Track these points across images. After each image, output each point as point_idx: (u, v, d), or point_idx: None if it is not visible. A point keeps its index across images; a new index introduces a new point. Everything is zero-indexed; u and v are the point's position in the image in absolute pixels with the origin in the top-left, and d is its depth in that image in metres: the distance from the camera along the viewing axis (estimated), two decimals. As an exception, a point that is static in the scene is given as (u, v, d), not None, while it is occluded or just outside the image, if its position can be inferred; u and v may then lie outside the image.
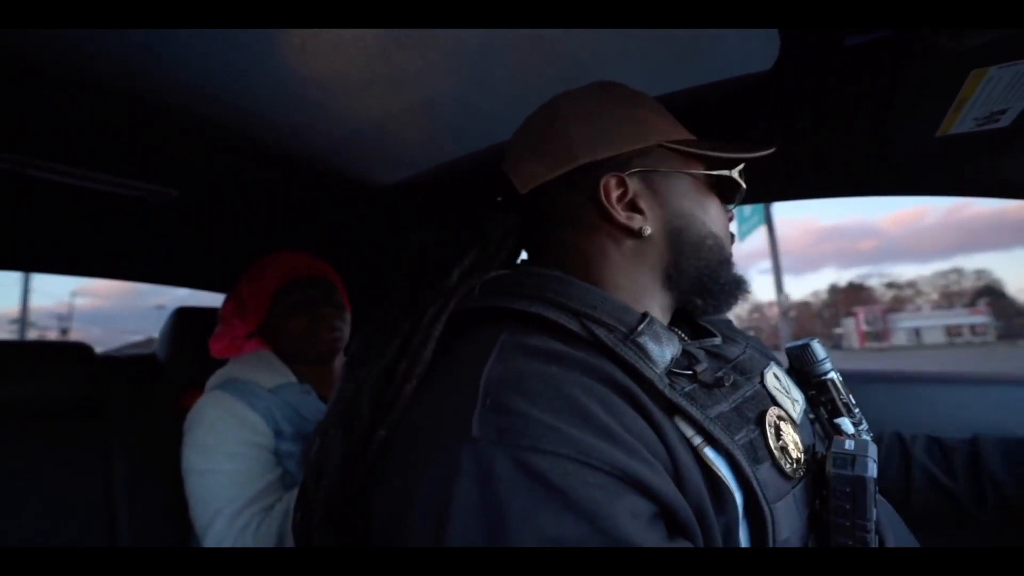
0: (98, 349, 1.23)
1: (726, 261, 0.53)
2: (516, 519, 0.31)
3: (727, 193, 0.56)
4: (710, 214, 0.53)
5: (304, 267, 1.06)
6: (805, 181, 0.89)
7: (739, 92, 0.71)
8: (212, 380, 0.98)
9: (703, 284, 0.52)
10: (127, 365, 1.29)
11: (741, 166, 0.54)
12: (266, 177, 1.03)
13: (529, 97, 0.58)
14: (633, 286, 0.50)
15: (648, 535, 0.33)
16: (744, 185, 0.54)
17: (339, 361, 1.10)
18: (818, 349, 0.56)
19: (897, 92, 0.62)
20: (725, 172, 0.53)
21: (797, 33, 0.59)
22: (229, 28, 0.60)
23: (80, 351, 1.22)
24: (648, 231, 0.50)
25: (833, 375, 0.55)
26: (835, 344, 44.28)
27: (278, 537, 0.81)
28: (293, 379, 0.99)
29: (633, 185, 0.50)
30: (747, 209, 11.30)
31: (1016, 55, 0.51)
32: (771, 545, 0.38)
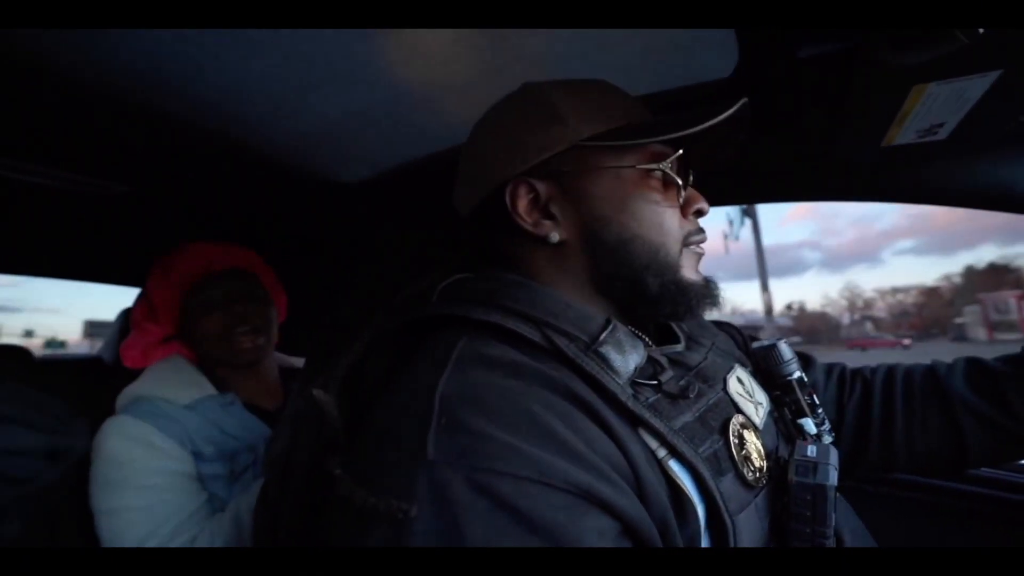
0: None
1: (659, 267, 0.47)
2: (476, 544, 0.30)
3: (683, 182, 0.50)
4: (637, 215, 0.47)
5: (219, 258, 0.94)
6: (758, 186, 0.92)
7: (701, 96, 0.73)
8: (119, 400, 0.85)
9: (633, 292, 0.48)
10: (69, 368, 1.21)
11: (671, 159, 0.48)
12: (224, 173, 0.97)
13: (494, 97, 0.57)
14: (564, 291, 0.48)
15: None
16: (676, 177, 0.49)
17: (269, 363, 0.99)
18: (784, 350, 0.57)
19: (845, 103, 0.64)
20: (651, 166, 0.47)
21: (754, 43, 0.60)
22: (194, 28, 0.56)
23: (17, 353, 1.13)
24: (556, 237, 0.48)
25: (798, 375, 0.56)
26: (958, 336, 35.71)
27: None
28: (211, 390, 0.87)
29: (545, 190, 0.49)
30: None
31: (953, 73, 0.53)
32: None
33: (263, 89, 0.74)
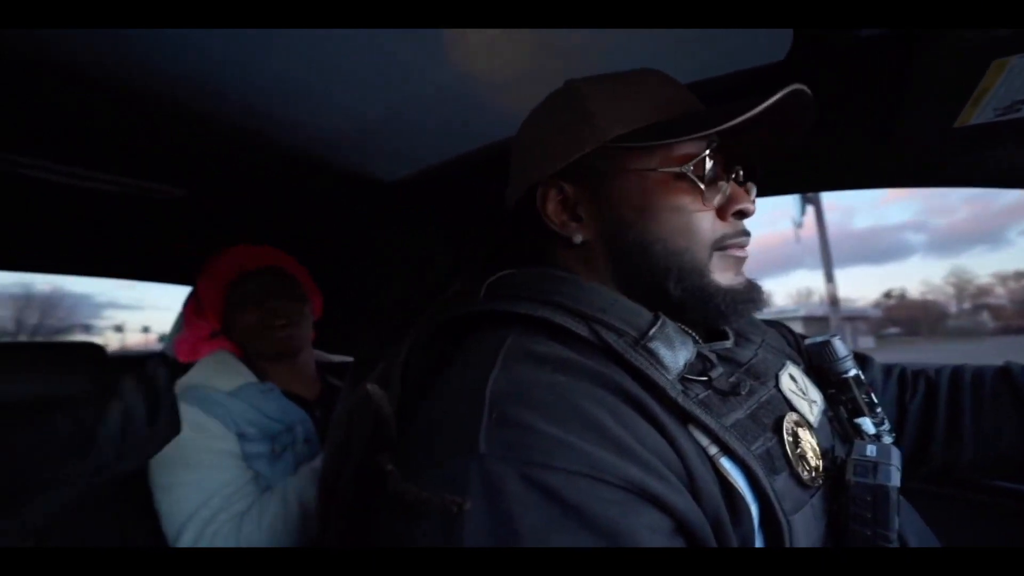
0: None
1: (681, 271, 0.45)
2: (529, 538, 0.30)
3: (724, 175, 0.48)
4: (659, 218, 0.45)
5: (255, 258, 1.02)
6: (816, 174, 0.87)
7: (750, 83, 0.70)
8: (174, 389, 0.95)
9: (654, 297, 0.46)
10: (137, 364, 1.30)
11: (695, 160, 0.45)
12: (270, 174, 1.02)
13: (534, 92, 0.57)
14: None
15: None
16: (698, 181, 0.45)
17: (306, 357, 1.07)
18: (839, 346, 0.54)
19: (912, 83, 0.60)
20: (674, 169, 0.45)
21: (810, 23, 0.57)
22: (232, 28, 0.59)
23: (91, 350, 1.23)
24: (579, 238, 0.48)
25: (854, 372, 0.53)
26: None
27: (253, 542, 0.79)
28: (253, 379, 0.96)
29: (573, 191, 0.49)
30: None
31: None
32: None
33: (305, 90, 0.77)
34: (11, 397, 1.09)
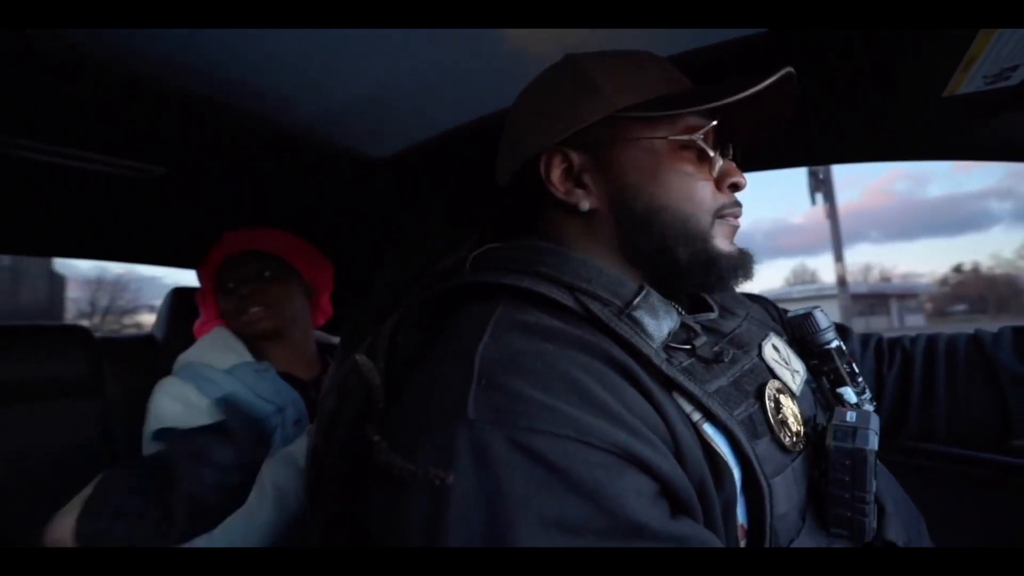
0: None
1: (688, 237, 0.47)
2: (516, 501, 0.31)
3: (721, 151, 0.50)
4: (667, 185, 0.47)
5: (239, 243, 1.03)
6: (806, 147, 0.87)
7: (735, 54, 0.69)
8: (174, 365, 0.96)
9: (662, 262, 0.48)
10: (125, 346, 1.29)
11: (704, 130, 0.47)
12: (254, 152, 1.00)
13: (524, 64, 0.56)
14: (596, 261, 0.48)
15: (653, 513, 0.33)
16: (708, 149, 0.47)
17: (301, 337, 1.07)
18: (821, 318, 0.55)
19: (900, 52, 0.59)
20: (683, 138, 0.47)
21: None
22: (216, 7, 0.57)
23: (78, 333, 1.22)
24: (586, 206, 0.48)
25: (836, 343, 0.54)
26: None
27: (224, 529, 0.78)
28: (248, 357, 0.97)
29: (578, 159, 0.49)
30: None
31: None
32: (769, 519, 0.38)
33: (291, 66, 0.75)
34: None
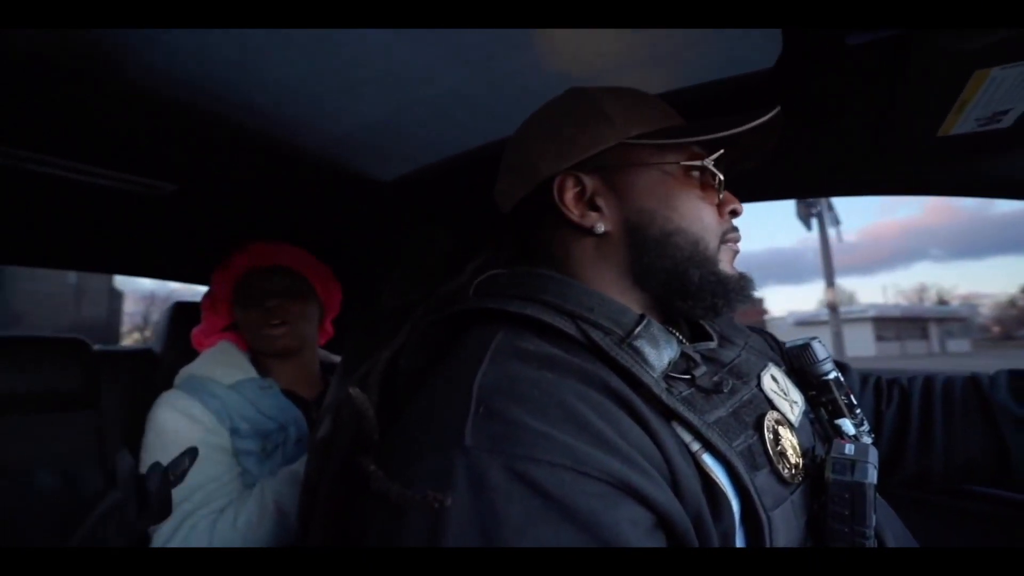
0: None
1: (699, 259, 0.48)
2: (512, 529, 0.31)
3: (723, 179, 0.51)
4: (679, 209, 0.49)
5: (264, 256, 1.02)
6: (805, 180, 0.89)
7: (740, 90, 0.71)
8: (176, 378, 0.96)
9: (674, 284, 0.49)
10: (123, 359, 1.29)
11: (716, 155, 0.50)
12: (266, 172, 1.02)
13: (530, 92, 0.58)
14: (602, 284, 0.50)
15: (648, 543, 0.33)
16: (719, 174, 0.50)
17: (309, 356, 1.07)
18: (819, 349, 0.56)
19: (898, 92, 0.61)
20: (696, 163, 0.49)
21: (800, 31, 0.58)
22: (230, 28, 0.59)
23: (76, 345, 1.22)
24: (601, 228, 0.49)
25: (834, 375, 0.55)
26: None
27: (223, 545, 0.78)
28: (253, 373, 0.96)
29: (591, 183, 0.50)
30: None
31: (1019, 56, 0.50)
32: None
33: (305, 91, 0.77)
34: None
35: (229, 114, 0.82)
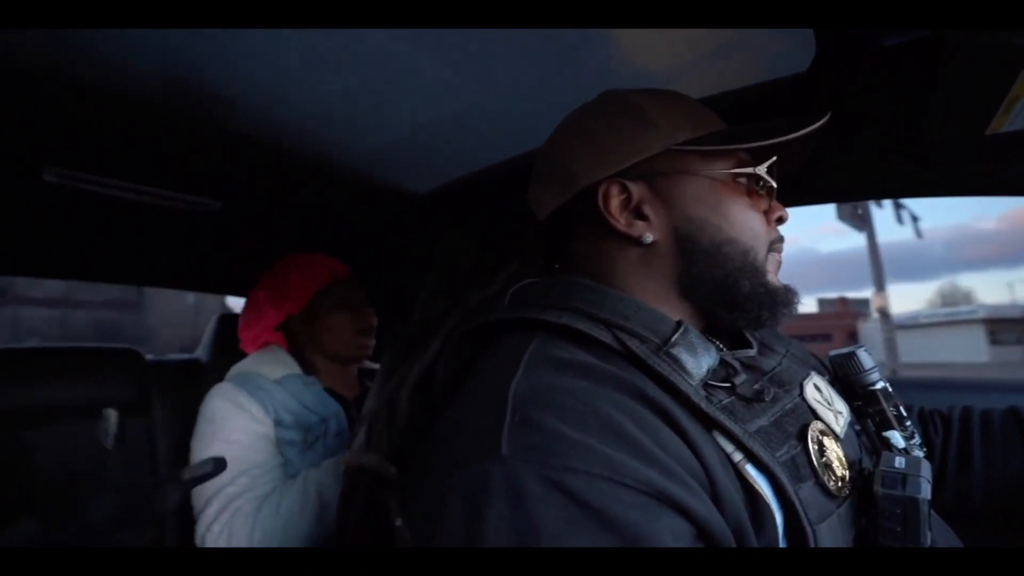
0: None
1: (749, 269, 0.47)
2: (549, 539, 0.31)
3: (769, 189, 0.51)
4: (730, 218, 0.48)
5: (342, 269, 1.11)
6: (844, 184, 0.86)
7: (774, 95, 0.70)
8: (228, 374, 1.03)
9: (722, 295, 0.48)
10: (173, 369, 1.35)
11: (768, 162, 0.49)
12: (303, 188, 1.06)
13: (558, 104, 0.58)
14: (644, 294, 0.48)
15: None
16: (772, 181, 0.49)
17: (354, 367, 1.14)
18: (865, 358, 0.54)
19: (938, 92, 0.59)
20: (748, 170, 0.48)
21: (833, 34, 0.57)
22: (267, 45, 0.62)
23: (129, 356, 1.28)
24: (650, 238, 0.48)
25: (882, 384, 0.52)
26: None
27: (265, 531, 0.82)
28: (298, 371, 1.02)
29: (638, 191, 0.49)
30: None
31: None
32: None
33: (337, 109, 0.80)
34: (54, 400, 1.15)
35: (267, 134, 0.86)
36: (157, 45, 0.61)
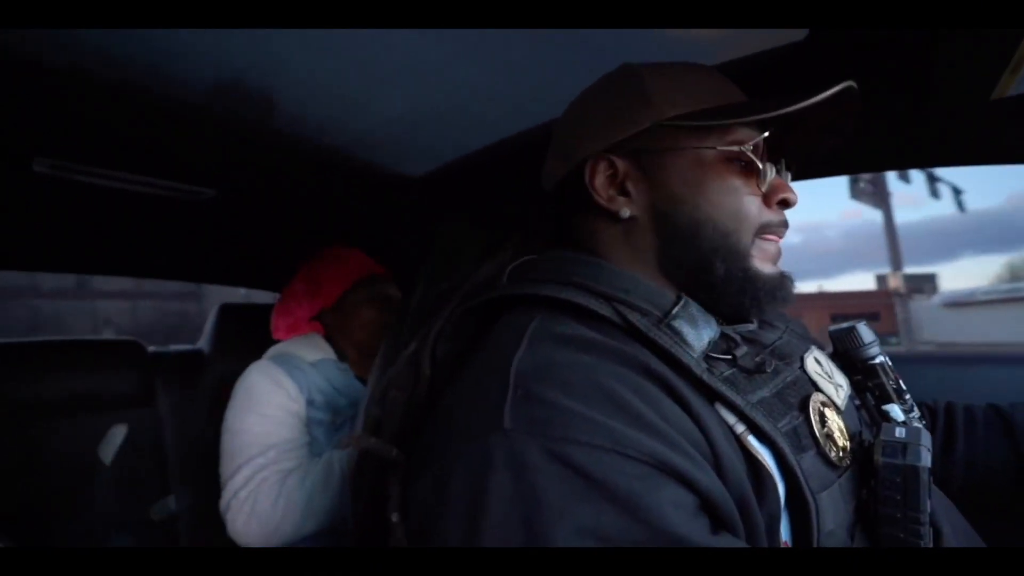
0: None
1: (725, 252, 0.45)
2: (552, 510, 0.31)
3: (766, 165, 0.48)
4: (710, 197, 0.46)
5: (379, 268, 1.17)
6: (844, 156, 0.85)
7: (770, 65, 0.68)
8: (267, 353, 1.08)
9: (697, 277, 0.47)
10: (176, 359, 1.36)
11: (754, 141, 0.46)
12: (297, 173, 1.05)
13: (554, 84, 0.57)
14: (632, 270, 0.48)
15: (693, 526, 0.32)
16: (758, 162, 0.46)
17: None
18: (865, 332, 0.53)
19: (942, 56, 0.58)
20: (733, 148, 0.46)
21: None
22: (254, 28, 0.60)
23: (131, 348, 1.28)
24: (627, 213, 0.48)
25: (881, 359, 0.52)
26: None
27: (288, 502, 0.86)
28: (333, 356, 1.08)
29: (623, 166, 0.48)
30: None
31: None
32: (815, 536, 0.36)
33: (329, 91, 0.79)
34: (61, 392, 1.15)
35: (256, 117, 0.84)
36: (144, 33, 0.60)
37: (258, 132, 0.88)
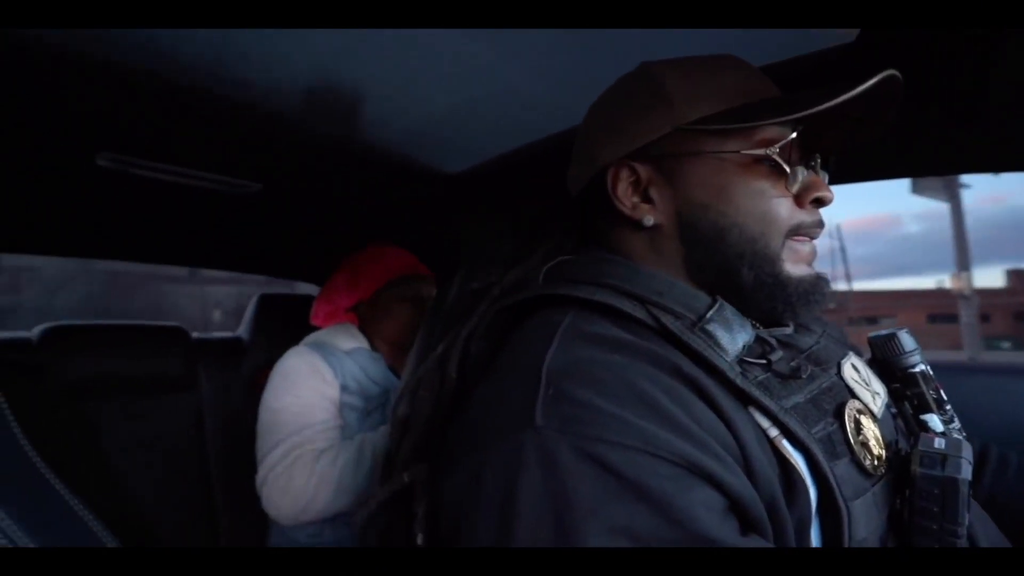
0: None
1: (752, 257, 0.44)
2: (584, 509, 0.31)
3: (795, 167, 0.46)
4: (736, 202, 0.44)
5: (419, 267, 1.21)
6: (894, 160, 0.82)
7: (818, 68, 0.67)
8: (304, 340, 1.13)
9: (725, 283, 0.46)
10: (216, 346, 1.42)
11: (782, 143, 0.44)
12: (340, 169, 1.08)
13: (592, 85, 0.57)
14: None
15: (723, 528, 0.32)
16: (785, 164, 0.44)
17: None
18: (906, 339, 0.52)
19: (1005, 57, 0.56)
20: (757, 152, 0.43)
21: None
22: (304, 28, 0.63)
23: (175, 333, 1.35)
24: (651, 220, 0.47)
25: (922, 367, 0.51)
26: None
27: (321, 479, 0.91)
28: (367, 346, 1.13)
29: (646, 173, 0.47)
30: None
31: None
32: (847, 543, 0.36)
33: (375, 89, 0.81)
34: (108, 375, 1.22)
35: (305, 117, 0.88)
36: (198, 37, 0.64)
37: (304, 128, 0.91)
